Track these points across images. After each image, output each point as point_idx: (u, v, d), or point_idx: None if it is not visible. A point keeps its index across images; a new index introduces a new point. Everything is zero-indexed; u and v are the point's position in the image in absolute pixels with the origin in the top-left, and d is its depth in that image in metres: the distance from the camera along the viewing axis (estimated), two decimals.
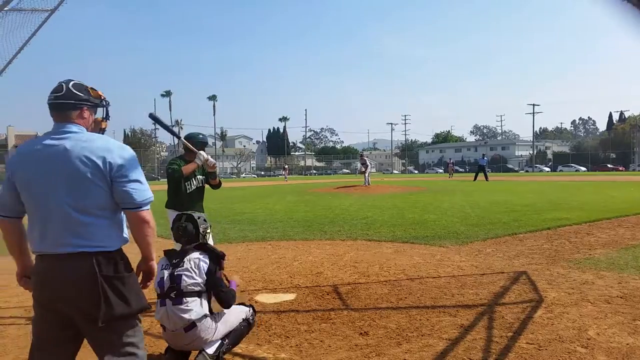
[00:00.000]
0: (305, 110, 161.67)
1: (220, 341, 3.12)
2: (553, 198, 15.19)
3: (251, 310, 3.46)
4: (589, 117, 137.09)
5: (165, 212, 4.49)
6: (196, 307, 2.97)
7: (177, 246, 3.31)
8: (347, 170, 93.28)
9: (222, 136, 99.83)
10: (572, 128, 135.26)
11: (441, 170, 79.91)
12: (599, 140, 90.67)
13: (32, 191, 2.06)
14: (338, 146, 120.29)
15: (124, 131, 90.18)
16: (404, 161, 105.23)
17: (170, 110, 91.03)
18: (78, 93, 2.16)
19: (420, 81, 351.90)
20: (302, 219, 11.06)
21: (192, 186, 4.47)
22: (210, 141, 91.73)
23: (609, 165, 69.92)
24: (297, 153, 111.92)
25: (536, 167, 74.92)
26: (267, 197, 19.73)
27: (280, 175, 68.82)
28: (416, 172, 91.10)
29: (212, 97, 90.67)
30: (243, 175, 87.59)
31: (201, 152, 4.29)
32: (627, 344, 3.31)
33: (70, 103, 2.14)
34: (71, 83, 2.18)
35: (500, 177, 43.87)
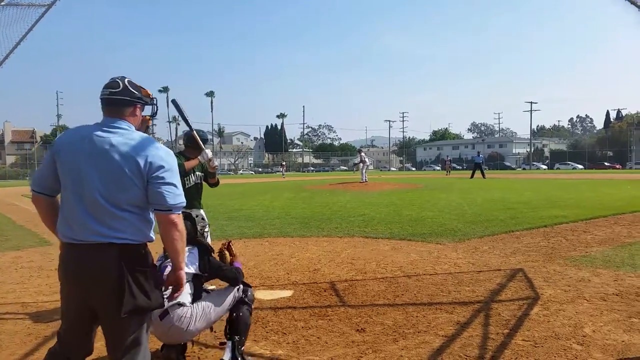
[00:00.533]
0: (303, 107, 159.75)
1: (230, 342, 3.09)
2: (550, 196, 15.22)
3: (240, 288, 3.25)
4: (586, 115, 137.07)
5: None
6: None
7: None
8: (345, 167, 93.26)
9: (220, 133, 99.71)
10: (569, 126, 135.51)
11: (438, 168, 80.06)
12: (596, 138, 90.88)
13: (71, 177, 2.11)
14: (336, 143, 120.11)
15: None
16: (401, 158, 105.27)
17: (167, 106, 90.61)
18: (134, 91, 2.24)
19: (418, 79, 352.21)
20: (300, 215, 11.06)
21: (190, 182, 4.47)
22: (208, 138, 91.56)
23: (605, 163, 70.05)
24: (294, 150, 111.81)
25: (533, 164, 75.10)
26: (264, 193, 19.71)
27: (278, 172, 68.81)
28: (413, 169, 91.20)
29: (210, 94, 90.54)
30: (240, 171, 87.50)
31: (207, 150, 4.30)
32: (623, 341, 3.33)
33: (126, 100, 2.20)
34: (126, 80, 2.24)
35: (497, 174, 43.94)
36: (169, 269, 2.75)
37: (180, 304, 2.93)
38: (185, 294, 2.98)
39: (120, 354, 2.14)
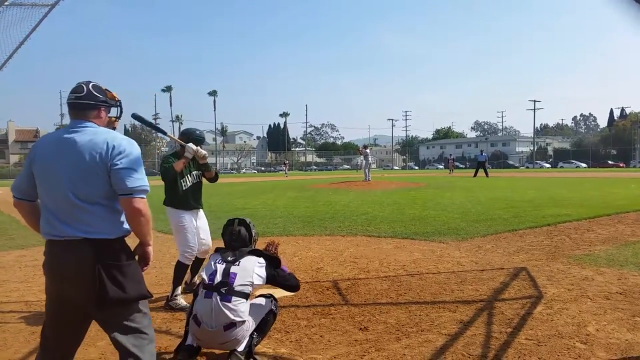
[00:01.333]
0: (306, 105, 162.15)
1: (249, 337, 3.11)
2: (553, 194, 15.18)
3: (273, 301, 3.39)
4: (590, 114, 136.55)
5: (164, 209, 4.51)
6: (242, 308, 2.98)
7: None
8: (348, 166, 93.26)
9: (223, 132, 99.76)
10: (573, 124, 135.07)
11: (441, 166, 79.92)
12: (600, 136, 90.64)
13: (44, 179, 2.22)
14: (338, 142, 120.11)
15: (125, 127, 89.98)
16: (404, 157, 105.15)
17: (171, 105, 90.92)
18: (97, 94, 2.32)
19: (421, 77, 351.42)
20: (302, 214, 11.06)
21: (188, 183, 4.46)
22: (210, 137, 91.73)
23: (609, 162, 69.84)
24: (297, 149, 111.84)
25: (537, 163, 74.89)
26: (267, 192, 19.73)
27: (281, 170, 68.81)
28: (416, 168, 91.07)
29: (213, 93, 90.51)
30: (243, 170, 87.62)
31: (189, 144, 4.25)
32: (626, 340, 3.32)
33: (90, 103, 2.30)
34: (91, 84, 2.33)
35: (500, 173, 43.86)
36: (238, 275, 2.99)
37: (244, 321, 3.01)
38: (247, 309, 3.04)
39: (118, 345, 2.20)
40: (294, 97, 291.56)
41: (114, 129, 2.45)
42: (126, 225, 2.26)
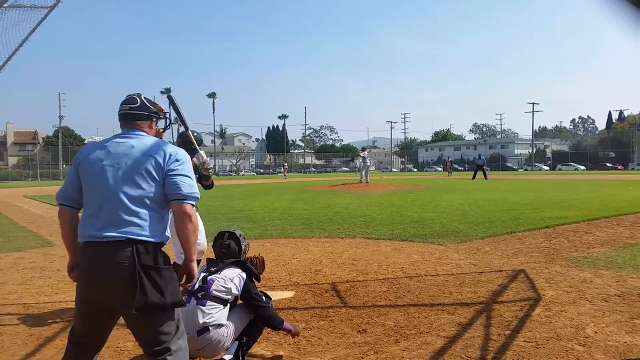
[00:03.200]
0: (305, 108, 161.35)
1: (237, 342, 3.06)
2: (552, 196, 15.20)
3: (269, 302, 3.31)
4: (588, 116, 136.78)
5: None
6: (216, 314, 2.95)
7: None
8: (347, 169, 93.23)
9: (222, 134, 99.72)
10: (571, 127, 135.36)
11: (440, 169, 79.96)
12: (598, 139, 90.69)
13: (93, 180, 2.24)
14: (337, 144, 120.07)
15: None
16: (403, 159, 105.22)
17: (170, 107, 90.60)
18: (150, 106, 2.45)
19: (420, 80, 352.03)
20: (301, 216, 11.06)
21: None
22: (209, 139, 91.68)
23: (607, 164, 69.95)
24: (296, 151, 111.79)
25: (535, 165, 74.98)
26: (266, 194, 19.72)
27: (280, 173, 68.78)
28: (415, 170, 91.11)
29: (212, 95, 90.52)
30: (242, 172, 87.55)
31: (202, 152, 4.27)
32: (625, 342, 3.32)
33: (144, 114, 2.41)
34: (143, 96, 2.46)
35: (499, 175, 43.88)
36: (215, 282, 2.95)
37: (220, 325, 2.95)
38: (224, 315, 3.00)
39: (149, 349, 2.22)
40: (293, 100, 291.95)
41: (161, 139, 2.51)
42: (168, 234, 2.31)
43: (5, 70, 4.99)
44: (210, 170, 4.44)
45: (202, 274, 3.07)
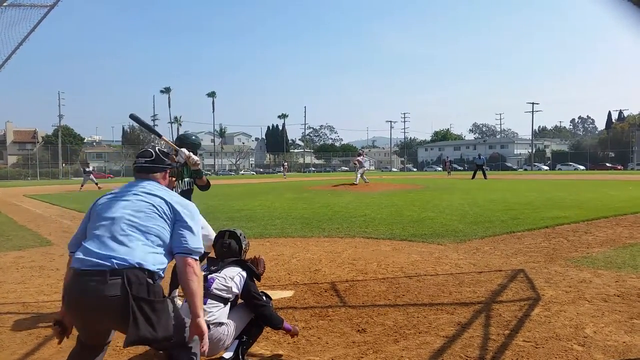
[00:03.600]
0: (305, 107, 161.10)
1: (237, 341, 3.06)
2: (551, 196, 15.20)
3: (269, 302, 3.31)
4: (588, 116, 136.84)
5: None
6: (216, 312, 2.96)
7: None
8: (346, 168, 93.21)
9: (221, 133, 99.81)
10: (571, 127, 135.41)
11: (440, 168, 79.95)
12: (598, 139, 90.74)
13: (102, 211, 2.31)
14: (337, 144, 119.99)
15: (123, 128, 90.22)
16: (402, 159, 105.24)
17: (170, 106, 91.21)
18: (164, 159, 2.60)
19: (419, 79, 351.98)
20: (301, 216, 11.05)
21: (178, 189, 4.34)
22: (209, 138, 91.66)
23: (607, 164, 69.99)
24: (296, 150, 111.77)
25: (535, 165, 75.00)
26: (265, 194, 19.71)
27: (279, 172, 68.76)
28: (415, 170, 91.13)
29: (211, 94, 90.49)
30: (242, 172, 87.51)
31: (182, 149, 4.12)
32: (624, 342, 3.32)
33: (159, 167, 2.57)
34: (157, 149, 2.61)
35: (498, 175, 43.89)
36: (216, 280, 2.99)
37: (221, 323, 2.95)
38: (224, 314, 3.00)
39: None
40: (293, 99, 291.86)
41: (173, 187, 2.63)
42: (164, 268, 2.27)
43: (5, 69, 4.99)
44: (199, 164, 4.32)
45: (203, 273, 3.06)
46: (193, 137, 4.50)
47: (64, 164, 71.49)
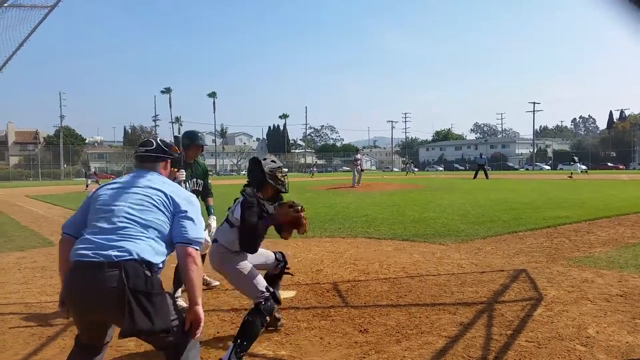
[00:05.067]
0: (306, 107, 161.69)
1: (232, 344, 3.02)
2: (553, 196, 15.18)
3: (269, 296, 3.21)
4: (589, 116, 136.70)
5: None
6: (226, 232, 3.31)
7: None
8: (347, 168, 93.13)
9: (222, 133, 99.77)
10: (572, 126, 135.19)
11: (441, 168, 79.89)
12: (599, 138, 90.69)
13: (102, 206, 2.31)
14: (338, 144, 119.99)
15: (124, 128, 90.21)
16: (404, 159, 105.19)
17: (170, 107, 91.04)
18: (165, 148, 2.59)
19: (421, 79, 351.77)
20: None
21: (188, 189, 4.44)
22: (210, 138, 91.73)
23: (609, 164, 69.87)
24: (297, 150, 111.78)
25: (536, 165, 74.90)
26: None
27: (310, 171, 67.40)
28: (416, 169, 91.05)
29: (212, 94, 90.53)
30: (243, 172, 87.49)
31: (182, 171, 4.32)
32: (627, 342, 3.31)
33: (160, 156, 2.56)
34: (159, 139, 2.63)
35: (500, 175, 43.85)
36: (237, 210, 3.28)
37: (229, 249, 3.27)
38: (234, 239, 3.23)
39: (155, 346, 2.27)
40: (294, 99, 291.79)
41: (175, 178, 2.62)
42: (164, 260, 2.29)
43: (6, 70, 4.99)
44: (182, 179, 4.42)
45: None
46: (199, 135, 4.69)
47: (65, 165, 71.56)
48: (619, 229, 8.22)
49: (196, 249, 2.28)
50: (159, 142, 2.59)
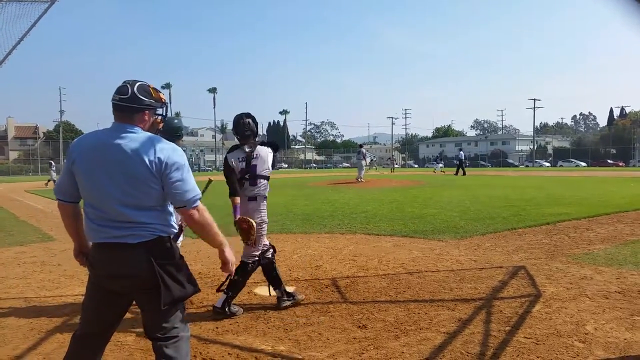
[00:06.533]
0: (306, 103, 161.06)
1: (224, 295, 3.88)
2: (553, 193, 15.19)
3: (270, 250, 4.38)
4: (589, 113, 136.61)
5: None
6: (262, 186, 4.13)
7: None
8: (347, 164, 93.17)
9: (222, 129, 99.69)
10: (572, 123, 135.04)
11: (441, 165, 79.78)
12: (600, 135, 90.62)
13: (88, 186, 2.19)
14: (338, 140, 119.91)
15: None
16: (404, 155, 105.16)
17: (171, 102, 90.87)
18: (142, 98, 2.23)
19: (421, 75, 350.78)
20: (302, 212, 11.06)
21: None
22: (210, 134, 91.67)
23: (609, 161, 69.88)
24: (297, 146, 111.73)
25: (536, 162, 74.86)
26: None
27: (311, 167, 67.14)
28: (416, 166, 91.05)
29: (212, 90, 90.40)
30: None
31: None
32: (625, 339, 3.32)
33: (134, 107, 2.21)
34: (136, 86, 2.23)
35: (500, 171, 43.84)
36: (258, 166, 4.11)
37: (264, 221, 4.34)
38: (267, 188, 4.24)
39: (153, 334, 2.25)
40: (294, 95, 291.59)
41: (158, 130, 2.41)
42: (174, 222, 2.30)
43: (6, 65, 4.99)
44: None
45: (242, 164, 4.10)
46: (175, 122, 4.56)
47: (65, 160, 71.49)
48: (618, 226, 8.23)
49: (195, 207, 2.20)
50: (135, 90, 2.21)
